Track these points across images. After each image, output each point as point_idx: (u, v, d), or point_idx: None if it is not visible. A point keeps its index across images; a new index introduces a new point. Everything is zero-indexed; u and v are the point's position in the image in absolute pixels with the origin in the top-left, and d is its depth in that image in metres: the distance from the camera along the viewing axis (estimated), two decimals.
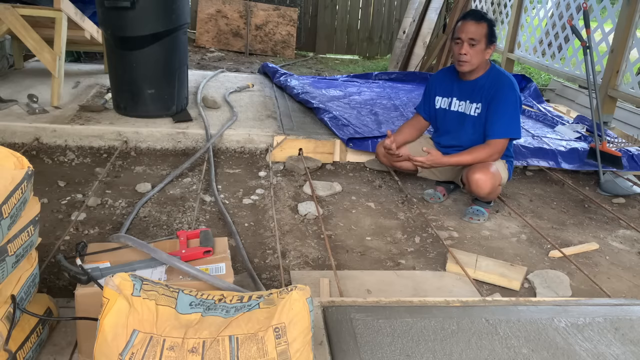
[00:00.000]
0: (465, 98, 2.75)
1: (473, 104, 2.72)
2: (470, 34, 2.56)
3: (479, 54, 2.60)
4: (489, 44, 2.60)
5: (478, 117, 2.72)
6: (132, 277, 1.25)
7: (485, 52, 2.62)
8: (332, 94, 4.51)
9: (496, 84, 2.65)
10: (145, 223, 2.44)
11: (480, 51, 2.60)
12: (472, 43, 2.57)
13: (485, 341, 1.57)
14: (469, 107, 2.74)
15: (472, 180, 2.61)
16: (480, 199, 2.74)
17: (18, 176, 1.29)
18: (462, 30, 2.59)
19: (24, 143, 3.16)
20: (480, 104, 2.70)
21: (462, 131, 2.80)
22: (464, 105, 2.76)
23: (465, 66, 2.63)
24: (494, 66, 2.73)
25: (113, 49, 3.43)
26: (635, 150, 3.56)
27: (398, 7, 8.61)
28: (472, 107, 2.73)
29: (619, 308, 1.83)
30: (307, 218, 2.63)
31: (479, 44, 2.58)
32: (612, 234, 2.76)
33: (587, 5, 3.88)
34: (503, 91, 2.62)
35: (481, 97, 2.69)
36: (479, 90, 2.69)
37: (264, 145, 3.39)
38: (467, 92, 2.74)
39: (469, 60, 2.61)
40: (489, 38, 2.59)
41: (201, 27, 7.68)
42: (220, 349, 1.16)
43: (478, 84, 2.69)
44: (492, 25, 2.59)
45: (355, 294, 2.02)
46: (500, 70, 2.72)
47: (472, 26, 2.57)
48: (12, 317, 1.31)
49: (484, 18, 2.59)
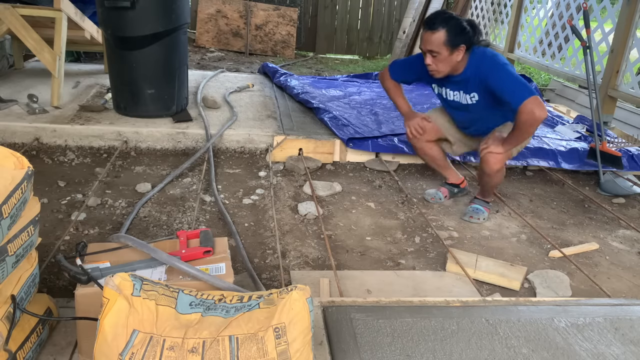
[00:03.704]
0: (458, 89, 2.66)
1: (467, 95, 2.63)
2: (428, 45, 2.44)
3: (444, 62, 2.47)
4: (453, 48, 2.44)
5: (477, 103, 2.62)
6: (132, 277, 1.25)
7: (451, 57, 2.46)
8: (332, 94, 4.51)
9: (481, 73, 2.50)
10: (145, 223, 2.44)
11: (444, 59, 2.46)
12: (433, 55, 2.46)
13: (485, 341, 1.57)
14: (465, 97, 2.65)
15: (485, 158, 2.57)
16: (486, 178, 2.68)
17: (18, 176, 1.29)
18: (422, 41, 2.49)
19: (24, 143, 3.16)
20: (475, 93, 2.60)
21: (470, 114, 2.71)
22: (459, 95, 2.67)
23: (435, 74, 2.55)
24: (472, 55, 2.53)
25: (113, 49, 3.43)
26: (635, 150, 3.56)
27: (398, 7, 8.61)
28: (468, 97, 2.64)
29: (619, 308, 1.83)
30: (307, 218, 2.63)
31: (440, 54, 2.44)
32: (612, 234, 2.76)
33: (587, 5, 3.88)
34: (492, 75, 2.47)
35: (473, 88, 2.58)
36: (467, 83, 2.59)
37: (264, 145, 3.39)
38: (457, 85, 2.64)
39: (436, 69, 2.51)
40: (450, 44, 2.42)
41: (201, 27, 7.68)
42: (220, 349, 1.16)
43: (464, 77, 2.58)
44: (452, 29, 2.41)
45: (355, 294, 2.02)
46: (478, 57, 2.52)
47: (428, 36, 2.43)
48: (12, 317, 1.31)
49: (439, 24, 2.41)
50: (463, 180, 3.02)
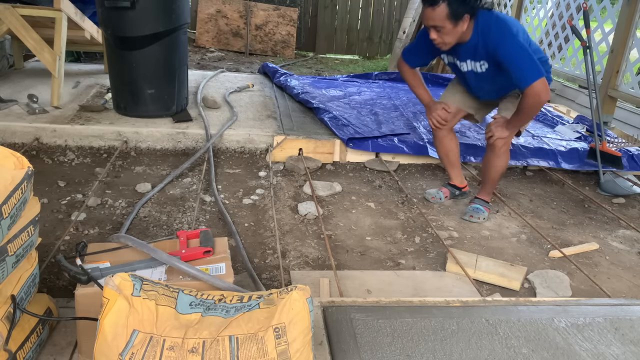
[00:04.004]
0: (467, 58, 2.60)
1: (477, 63, 2.58)
2: (431, 21, 2.39)
3: (449, 35, 2.43)
4: (457, 19, 2.37)
5: (487, 71, 2.57)
6: (132, 277, 1.25)
7: (457, 29, 2.40)
8: (332, 94, 4.51)
9: (489, 41, 2.45)
10: (145, 223, 2.44)
11: (449, 32, 2.41)
12: (437, 29, 2.44)
13: (485, 341, 1.57)
14: (475, 65, 2.60)
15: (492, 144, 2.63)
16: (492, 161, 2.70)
17: (18, 176, 1.29)
18: (424, 17, 2.46)
19: (24, 143, 3.16)
20: (484, 61, 2.55)
21: (483, 85, 2.69)
22: (469, 63, 2.62)
23: (443, 47, 2.52)
24: (479, 20, 2.46)
25: (113, 49, 3.43)
26: (635, 150, 3.56)
27: (398, 7, 8.61)
28: (478, 65, 2.59)
29: (619, 308, 1.83)
30: (307, 218, 2.63)
31: (444, 28, 2.39)
32: (612, 234, 2.76)
33: (587, 5, 3.88)
34: (502, 48, 2.43)
35: (482, 55, 2.53)
36: (475, 50, 2.53)
37: (264, 145, 3.39)
38: (465, 53, 2.59)
39: (442, 42, 2.47)
40: (454, 16, 2.36)
41: (201, 27, 7.68)
42: (220, 349, 1.16)
43: (471, 45, 2.52)
44: (453, 1, 2.34)
45: (355, 294, 2.02)
46: (484, 22, 2.46)
47: (430, 13, 2.38)
48: (12, 317, 1.31)
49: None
50: (466, 185, 3.01)
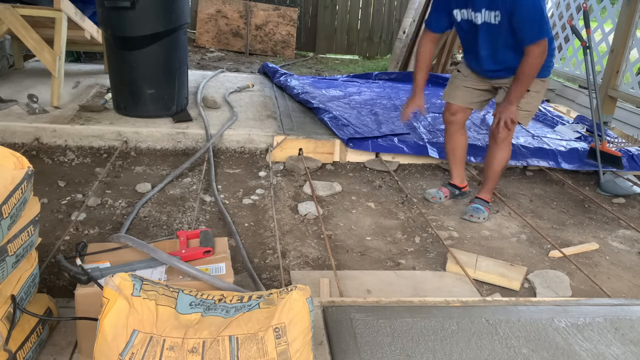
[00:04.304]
0: (482, 7, 2.55)
1: (492, 12, 2.52)
2: None
3: None
4: None
5: (499, 25, 2.52)
6: (132, 277, 1.25)
7: None
8: (332, 94, 4.51)
9: None
10: (145, 223, 2.44)
11: None
12: None
13: (485, 341, 1.57)
14: (490, 15, 2.54)
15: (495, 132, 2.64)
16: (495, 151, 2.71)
17: (18, 176, 1.29)
18: None
19: (24, 143, 3.16)
20: (498, 12, 2.50)
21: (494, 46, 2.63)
22: (484, 13, 2.56)
23: None
24: None
25: (113, 49, 3.43)
26: (635, 150, 3.56)
27: (398, 7, 8.60)
28: (492, 15, 2.53)
29: (619, 308, 1.83)
30: (307, 218, 2.63)
31: None
32: (612, 234, 2.76)
33: (587, 5, 3.88)
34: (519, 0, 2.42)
35: (497, 5, 2.48)
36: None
37: (264, 145, 3.39)
38: (481, 1, 2.54)
39: None
40: None
41: (201, 27, 7.68)
42: (220, 349, 1.16)
43: None
44: None
45: (355, 294, 2.02)
46: None
47: None
48: (12, 317, 1.31)
49: None
50: (466, 185, 3.02)
